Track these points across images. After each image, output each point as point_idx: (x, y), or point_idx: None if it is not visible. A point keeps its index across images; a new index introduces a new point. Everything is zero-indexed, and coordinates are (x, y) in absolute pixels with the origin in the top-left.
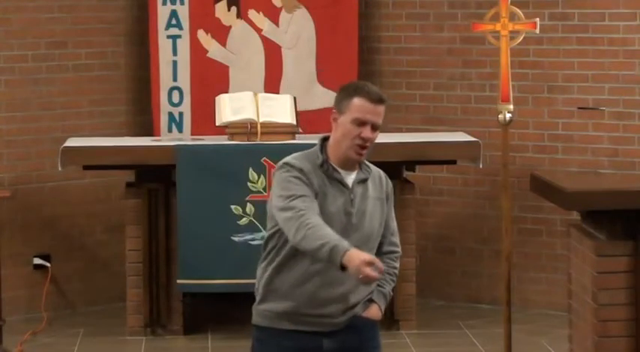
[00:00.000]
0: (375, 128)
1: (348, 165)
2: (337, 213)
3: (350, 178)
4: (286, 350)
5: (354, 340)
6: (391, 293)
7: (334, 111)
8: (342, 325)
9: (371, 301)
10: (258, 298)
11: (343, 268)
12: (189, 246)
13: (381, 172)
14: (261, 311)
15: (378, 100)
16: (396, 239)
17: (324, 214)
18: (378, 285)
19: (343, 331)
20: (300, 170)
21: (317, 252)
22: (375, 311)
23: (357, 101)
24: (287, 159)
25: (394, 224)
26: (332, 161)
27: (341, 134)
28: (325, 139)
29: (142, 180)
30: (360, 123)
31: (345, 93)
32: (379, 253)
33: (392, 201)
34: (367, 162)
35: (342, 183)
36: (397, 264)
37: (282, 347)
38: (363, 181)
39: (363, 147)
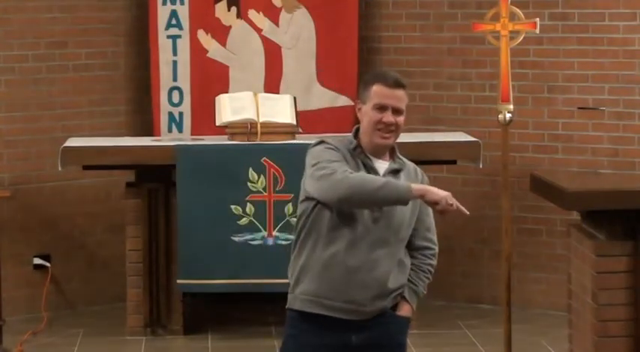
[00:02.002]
0: (397, 112)
1: (379, 152)
2: None
3: (381, 166)
4: (316, 347)
5: (382, 336)
6: (425, 291)
7: (358, 101)
8: (370, 316)
9: (402, 298)
10: (292, 282)
11: (406, 203)
12: (189, 246)
13: (416, 167)
14: (293, 295)
15: (396, 85)
16: (432, 235)
17: None
18: (410, 281)
19: (371, 327)
20: (337, 148)
21: (376, 192)
22: (406, 310)
23: (375, 88)
24: (322, 138)
25: (430, 219)
26: (365, 149)
27: (366, 122)
28: (358, 129)
29: (142, 180)
30: (381, 108)
31: (365, 82)
32: (412, 248)
33: None
34: (401, 156)
35: (373, 170)
36: (432, 261)
37: (312, 344)
38: (394, 172)
39: (387, 132)
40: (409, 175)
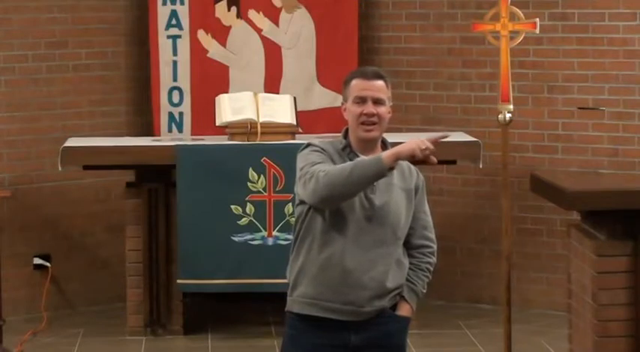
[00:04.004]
0: (378, 103)
1: (367, 149)
2: (358, 196)
3: None
4: (315, 347)
5: (381, 336)
6: (424, 290)
7: (342, 102)
8: (369, 316)
9: (402, 298)
10: (290, 285)
11: (385, 173)
12: (189, 246)
13: (411, 165)
14: (292, 298)
15: (373, 76)
16: (430, 233)
17: None
18: (409, 281)
19: (371, 327)
20: (322, 149)
21: (349, 177)
22: (405, 310)
23: (353, 83)
24: (310, 141)
25: (427, 218)
26: (354, 148)
27: (350, 119)
28: (348, 129)
29: (142, 180)
30: (360, 100)
31: (345, 82)
32: (410, 247)
33: (423, 194)
34: None
35: None
36: (431, 260)
37: (311, 344)
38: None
39: (369, 124)
40: (403, 173)
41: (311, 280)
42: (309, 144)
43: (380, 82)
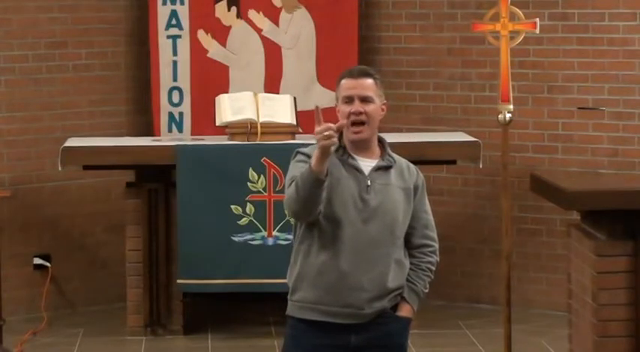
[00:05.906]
0: (365, 101)
1: (361, 149)
2: (352, 198)
3: (367, 165)
4: (316, 347)
5: (382, 336)
6: (425, 290)
7: (335, 104)
8: (369, 318)
9: (402, 298)
10: (290, 289)
11: (320, 179)
12: (189, 246)
13: (410, 164)
14: (292, 302)
15: (359, 74)
16: (431, 232)
17: (338, 199)
18: (409, 281)
19: (371, 327)
20: (308, 156)
21: (298, 193)
22: (406, 310)
23: (342, 83)
24: (299, 149)
25: (428, 217)
26: (348, 149)
27: (342, 119)
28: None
29: (142, 180)
30: (348, 100)
31: (336, 83)
32: (411, 247)
33: (423, 193)
34: (392, 153)
35: (357, 169)
36: (432, 259)
37: (312, 344)
38: (383, 169)
39: (358, 124)
40: (401, 172)
41: (309, 284)
42: (297, 153)
43: (367, 80)
